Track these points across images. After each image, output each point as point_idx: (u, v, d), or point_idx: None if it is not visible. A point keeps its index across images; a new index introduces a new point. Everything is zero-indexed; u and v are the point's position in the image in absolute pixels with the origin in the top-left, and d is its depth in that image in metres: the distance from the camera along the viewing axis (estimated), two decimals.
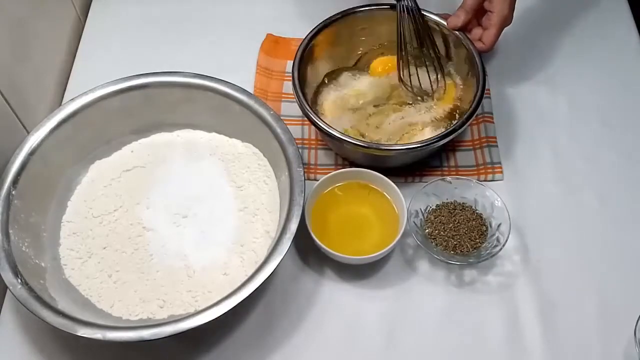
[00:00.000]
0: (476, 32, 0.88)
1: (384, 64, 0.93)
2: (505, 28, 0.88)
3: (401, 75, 0.89)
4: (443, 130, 0.82)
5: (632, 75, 0.97)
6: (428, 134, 0.86)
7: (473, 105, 0.82)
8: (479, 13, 0.88)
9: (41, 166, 0.79)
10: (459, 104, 0.89)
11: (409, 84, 0.89)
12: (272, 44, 1.00)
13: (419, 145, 0.80)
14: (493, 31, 0.86)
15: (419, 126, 0.87)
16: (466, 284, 0.80)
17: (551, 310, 0.78)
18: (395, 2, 0.87)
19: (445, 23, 0.88)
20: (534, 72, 0.98)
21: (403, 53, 0.88)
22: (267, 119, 0.81)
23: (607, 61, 0.99)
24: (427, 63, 0.89)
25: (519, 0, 0.88)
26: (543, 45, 1.00)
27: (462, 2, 0.87)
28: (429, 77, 0.89)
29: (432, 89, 0.89)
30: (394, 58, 0.90)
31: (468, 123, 0.81)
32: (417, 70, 0.89)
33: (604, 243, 0.83)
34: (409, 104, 0.89)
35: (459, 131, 0.80)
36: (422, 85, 0.89)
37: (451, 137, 0.80)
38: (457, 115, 0.88)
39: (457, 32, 0.87)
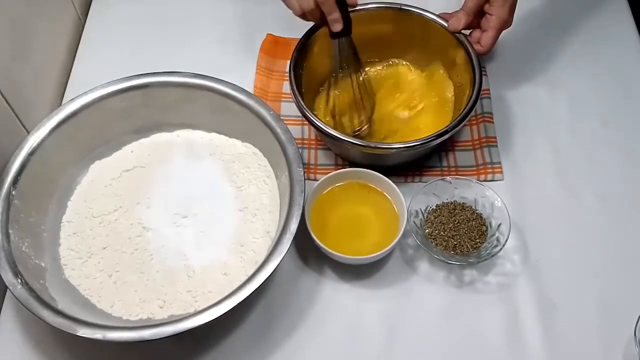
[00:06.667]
0: (475, 34, 0.88)
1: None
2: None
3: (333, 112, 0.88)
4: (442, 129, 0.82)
5: (632, 75, 0.97)
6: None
7: (469, 105, 0.81)
8: (478, 14, 0.88)
9: (41, 166, 0.79)
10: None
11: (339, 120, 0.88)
12: (272, 44, 1.00)
13: (416, 143, 0.80)
14: (491, 34, 0.86)
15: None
16: (466, 284, 0.80)
17: (551, 310, 0.78)
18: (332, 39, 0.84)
19: (444, 23, 0.88)
20: (534, 72, 0.98)
21: (335, 91, 0.88)
22: (267, 119, 0.81)
23: (607, 61, 0.99)
24: (359, 100, 0.88)
25: (520, 1, 0.88)
26: (543, 46, 1.00)
27: (463, 4, 0.87)
28: (359, 115, 0.88)
29: (361, 127, 0.88)
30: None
31: (464, 122, 0.81)
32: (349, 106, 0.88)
33: (604, 243, 0.83)
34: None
35: (456, 129, 0.80)
36: (353, 124, 0.88)
37: (448, 135, 0.80)
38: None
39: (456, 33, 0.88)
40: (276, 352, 0.76)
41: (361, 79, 0.87)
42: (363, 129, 0.88)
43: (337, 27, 0.80)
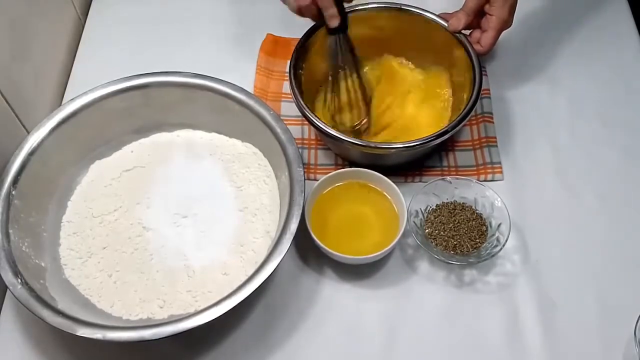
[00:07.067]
0: (475, 34, 0.88)
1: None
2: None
3: (333, 110, 0.88)
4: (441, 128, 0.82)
5: (632, 75, 0.97)
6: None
7: (469, 105, 0.81)
8: (478, 14, 0.88)
9: (41, 166, 0.79)
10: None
11: (338, 118, 0.88)
12: (272, 44, 1.00)
13: (416, 143, 0.80)
14: (491, 34, 0.86)
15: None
16: (466, 284, 0.80)
17: (551, 310, 0.78)
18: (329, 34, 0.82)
19: (444, 23, 0.88)
20: (534, 72, 0.98)
21: (334, 88, 0.87)
22: (267, 119, 0.81)
23: (607, 61, 0.99)
24: (357, 96, 0.87)
25: (520, 1, 0.88)
26: (543, 46, 1.00)
27: (463, 4, 0.87)
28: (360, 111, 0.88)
29: (361, 123, 0.88)
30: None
31: (465, 121, 0.81)
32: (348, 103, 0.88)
33: (604, 243, 0.83)
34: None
35: (456, 129, 0.80)
36: (352, 120, 0.88)
37: (448, 135, 0.80)
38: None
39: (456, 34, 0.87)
40: (276, 352, 0.76)
41: (359, 75, 0.87)
42: (362, 123, 0.87)
43: (334, 22, 0.80)
